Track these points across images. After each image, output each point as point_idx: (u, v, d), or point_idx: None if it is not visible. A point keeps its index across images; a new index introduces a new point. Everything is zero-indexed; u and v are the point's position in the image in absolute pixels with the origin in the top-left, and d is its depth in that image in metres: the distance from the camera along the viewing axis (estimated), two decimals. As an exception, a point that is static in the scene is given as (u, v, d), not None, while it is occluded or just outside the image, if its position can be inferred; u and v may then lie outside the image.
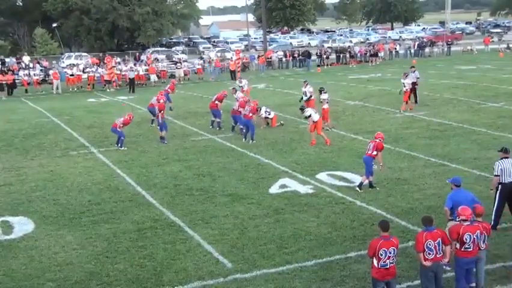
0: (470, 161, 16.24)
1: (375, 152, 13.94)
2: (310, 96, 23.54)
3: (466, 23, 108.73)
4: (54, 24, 68.43)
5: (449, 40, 62.58)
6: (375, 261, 8.13)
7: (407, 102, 24.18)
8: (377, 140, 14.09)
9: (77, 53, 57.01)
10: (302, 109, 19.65)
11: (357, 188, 13.96)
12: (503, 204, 11.26)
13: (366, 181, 14.03)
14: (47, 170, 17.31)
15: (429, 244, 8.18)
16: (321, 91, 22.30)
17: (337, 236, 11.30)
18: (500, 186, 11.17)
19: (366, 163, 14.02)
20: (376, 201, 13.22)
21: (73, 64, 43.64)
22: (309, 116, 18.69)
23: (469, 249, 8.41)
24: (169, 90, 27.66)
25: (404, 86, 24.05)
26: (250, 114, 19.86)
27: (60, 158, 18.74)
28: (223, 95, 22.91)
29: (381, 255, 8.02)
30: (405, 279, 9.31)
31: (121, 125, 19.78)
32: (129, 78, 37.42)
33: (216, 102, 22.42)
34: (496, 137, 18.86)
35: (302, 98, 24.21)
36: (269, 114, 22.29)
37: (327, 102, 21.04)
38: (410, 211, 12.49)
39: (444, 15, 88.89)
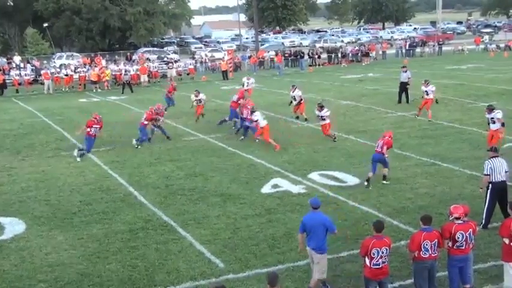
0: (461, 160, 16.32)
1: (384, 148, 14.29)
2: (301, 100, 23.21)
3: (457, 23, 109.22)
4: (46, 24, 68.00)
5: (441, 40, 62.82)
6: (367, 261, 8.15)
7: (420, 109, 22.75)
8: (386, 138, 14.43)
9: (68, 53, 56.66)
10: (321, 106, 19.22)
11: (366, 183, 14.18)
12: (495, 203, 11.33)
13: (371, 174, 14.27)
14: (38, 170, 17.23)
15: (426, 244, 8.21)
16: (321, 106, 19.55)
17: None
18: (490, 185, 11.24)
19: (378, 160, 14.30)
20: (368, 200, 13.26)
21: (64, 64, 43.41)
22: (324, 119, 19.11)
23: (461, 247, 8.43)
24: (168, 94, 27.51)
25: (427, 94, 22.49)
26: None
27: (51, 158, 18.66)
28: (242, 93, 22.45)
29: (374, 254, 8.04)
30: (398, 278, 9.34)
31: (146, 122, 19.81)
32: (123, 82, 37.19)
33: (239, 102, 21.61)
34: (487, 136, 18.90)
35: (292, 102, 23.67)
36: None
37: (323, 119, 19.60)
38: (402, 210, 12.54)
39: (435, 15, 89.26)
